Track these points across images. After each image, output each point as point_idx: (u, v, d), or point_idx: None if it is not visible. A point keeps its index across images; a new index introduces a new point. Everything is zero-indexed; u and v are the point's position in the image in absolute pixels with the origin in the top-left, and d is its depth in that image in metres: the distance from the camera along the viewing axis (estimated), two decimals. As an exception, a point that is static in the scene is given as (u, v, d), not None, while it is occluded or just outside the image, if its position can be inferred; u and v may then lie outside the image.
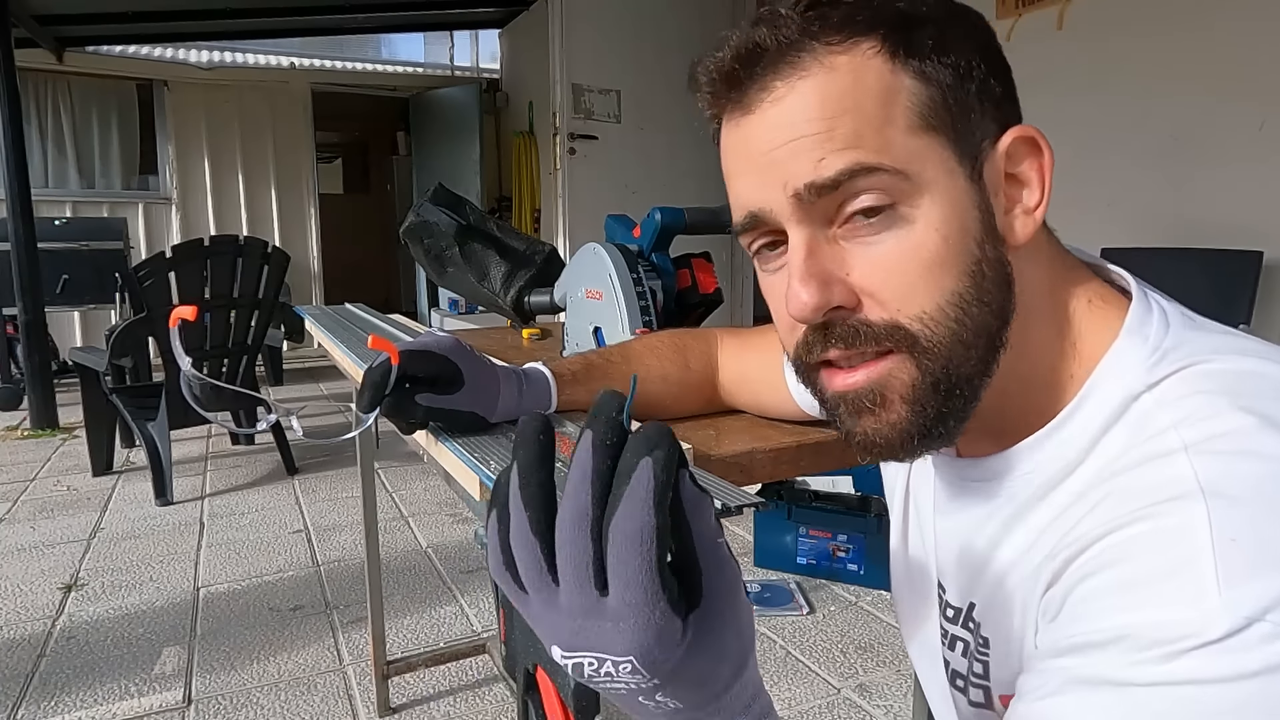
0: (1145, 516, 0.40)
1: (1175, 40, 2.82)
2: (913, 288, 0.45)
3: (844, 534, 2.33)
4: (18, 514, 2.97)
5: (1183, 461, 0.41)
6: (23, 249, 4.01)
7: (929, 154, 0.45)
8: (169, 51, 6.15)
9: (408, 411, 0.67)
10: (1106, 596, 0.40)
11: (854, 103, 0.45)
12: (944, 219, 0.45)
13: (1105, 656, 0.39)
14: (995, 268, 0.46)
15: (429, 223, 1.40)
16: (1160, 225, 2.90)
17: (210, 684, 1.86)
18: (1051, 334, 0.49)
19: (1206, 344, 0.45)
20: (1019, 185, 0.48)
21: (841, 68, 0.45)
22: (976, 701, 0.54)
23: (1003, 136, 0.47)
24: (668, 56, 4.86)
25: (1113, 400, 0.46)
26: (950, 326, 0.46)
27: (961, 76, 0.46)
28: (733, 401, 0.88)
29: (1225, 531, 0.38)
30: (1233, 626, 0.36)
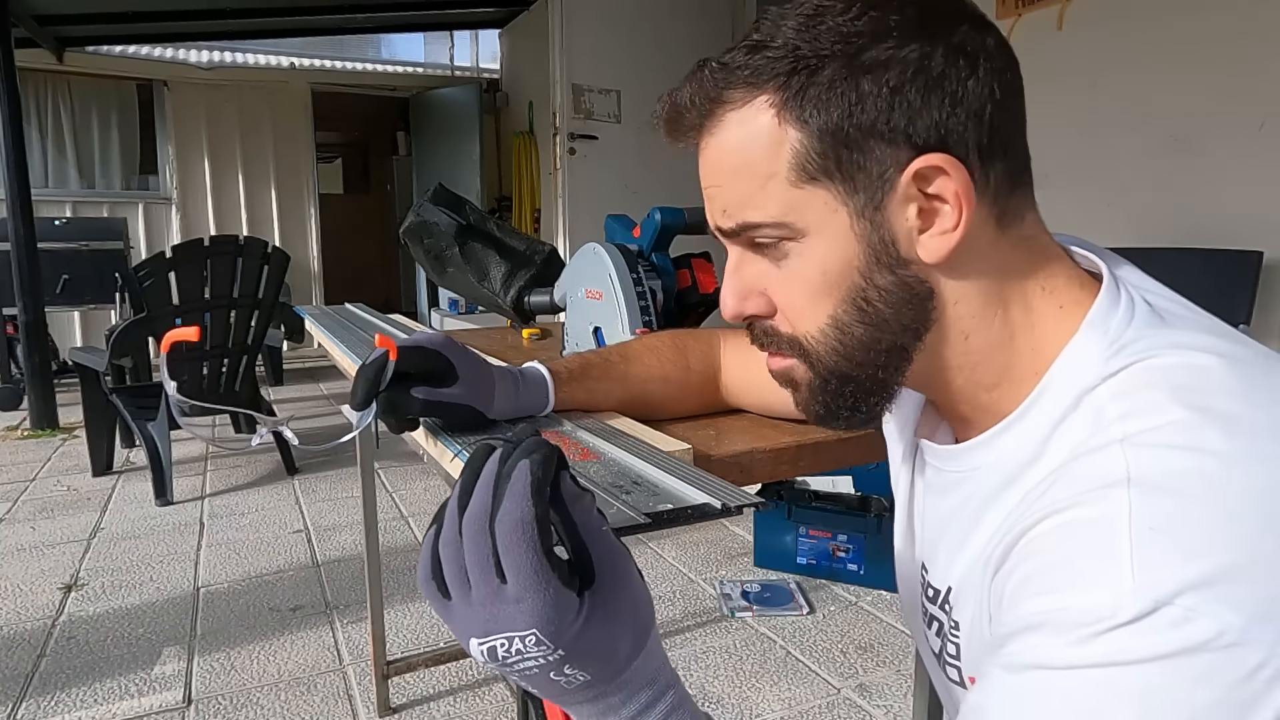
0: (1074, 504, 0.43)
1: (1175, 40, 2.82)
2: (801, 312, 0.53)
3: (844, 534, 2.33)
4: (18, 514, 2.97)
5: (1117, 453, 0.43)
6: (23, 249, 4.01)
7: (809, 201, 0.50)
8: (169, 51, 6.15)
9: (404, 406, 0.66)
10: (1032, 581, 0.43)
11: (745, 160, 0.51)
12: (824, 255, 0.51)
13: (1030, 641, 0.41)
14: (892, 290, 0.51)
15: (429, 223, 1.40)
16: (1160, 225, 2.90)
17: (210, 684, 1.86)
18: (1000, 336, 0.52)
19: (1164, 339, 0.47)
20: (938, 203, 0.49)
21: (743, 124, 0.50)
22: (953, 679, 0.57)
23: (910, 163, 0.48)
24: (668, 56, 4.86)
25: (1069, 393, 0.48)
26: (830, 344, 0.53)
27: (850, 117, 0.47)
28: (737, 402, 0.88)
29: (1145, 520, 0.40)
30: (1142, 609, 0.38)
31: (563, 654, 0.41)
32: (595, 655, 0.42)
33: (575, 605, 0.41)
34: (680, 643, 2.03)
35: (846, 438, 0.82)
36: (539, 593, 0.39)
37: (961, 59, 0.48)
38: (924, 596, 0.61)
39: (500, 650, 0.40)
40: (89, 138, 5.93)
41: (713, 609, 2.21)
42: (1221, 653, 0.37)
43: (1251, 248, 2.52)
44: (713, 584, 2.35)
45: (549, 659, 0.41)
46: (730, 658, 1.96)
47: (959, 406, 0.56)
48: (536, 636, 0.40)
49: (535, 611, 0.39)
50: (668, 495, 0.57)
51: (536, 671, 0.41)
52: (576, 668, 0.42)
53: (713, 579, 2.38)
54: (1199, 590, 0.38)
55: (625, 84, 4.77)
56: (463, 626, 0.41)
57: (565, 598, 0.40)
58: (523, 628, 0.40)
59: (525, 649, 0.40)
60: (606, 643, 0.42)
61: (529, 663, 0.41)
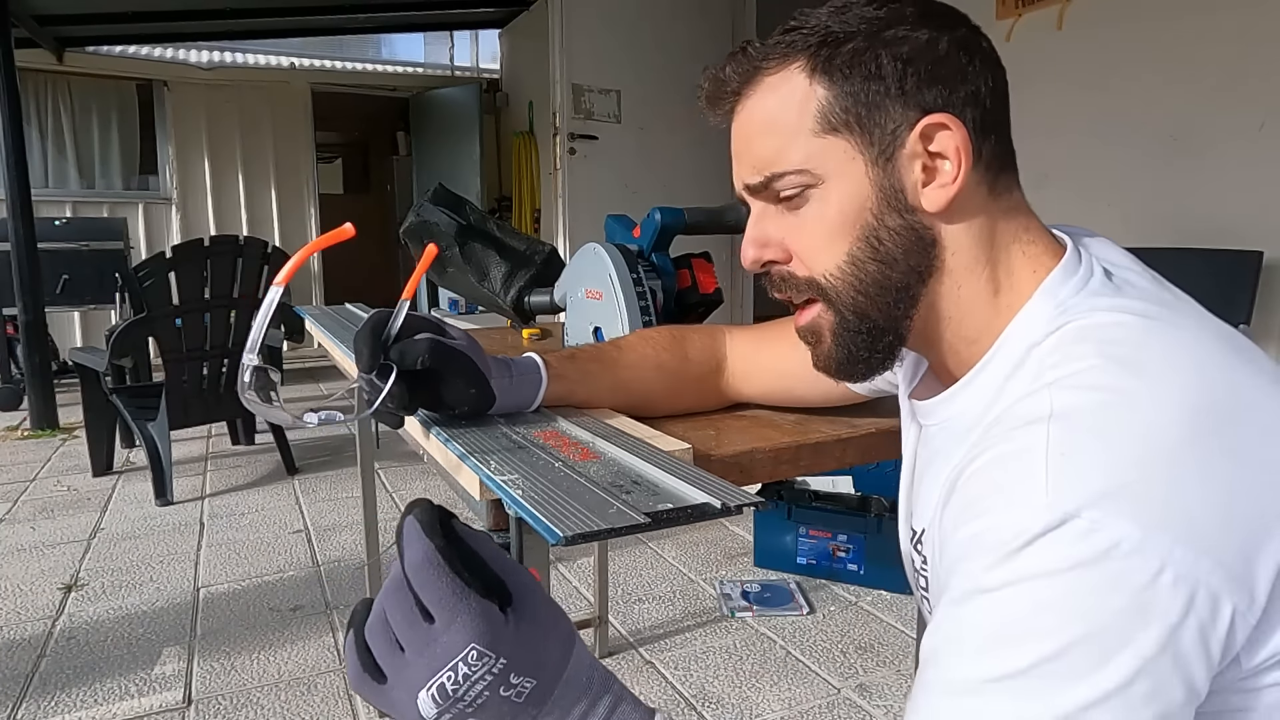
0: (1004, 440, 0.49)
1: (1175, 40, 2.82)
2: (819, 251, 0.59)
3: (844, 534, 2.33)
4: (18, 514, 2.97)
5: (1045, 395, 0.49)
6: (23, 249, 4.01)
7: (831, 150, 0.57)
8: (169, 51, 6.15)
9: (410, 353, 0.65)
10: (966, 510, 0.49)
11: (776, 116, 0.59)
12: (841, 198, 0.58)
13: (964, 569, 0.47)
14: (900, 232, 0.57)
15: (429, 223, 1.40)
16: (1160, 225, 2.90)
17: (210, 684, 1.86)
18: (986, 291, 0.58)
19: (1102, 303, 0.54)
20: (940, 161, 0.57)
21: (774, 88, 0.59)
22: (928, 612, 0.62)
23: (919, 123, 0.56)
24: (668, 56, 4.86)
25: (1017, 350, 0.55)
26: (847, 280, 0.59)
27: (871, 80, 0.56)
28: (743, 390, 0.89)
29: (1059, 447, 0.45)
30: (1051, 521, 0.43)
31: (505, 662, 0.44)
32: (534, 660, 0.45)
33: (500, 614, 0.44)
34: (680, 643, 2.03)
35: (846, 437, 0.83)
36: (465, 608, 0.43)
37: (962, 50, 0.57)
38: (910, 540, 0.67)
39: (449, 685, 0.43)
40: (89, 138, 5.92)
41: (713, 609, 2.21)
42: (1124, 560, 0.41)
43: (1251, 248, 2.52)
44: (713, 584, 2.35)
45: (494, 671, 0.43)
46: (730, 658, 1.96)
47: (946, 360, 0.62)
48: (476, 650, 0.43)
49: (467, 626, 0.43)
50: (668, 495, 0.57)
51: (487, 694, 0.44)
52: (521, 674, 0.45)
53: (713, 579, 2.39)
54: (1101, 504, 0.43)
55: (625, 84, 4.77)
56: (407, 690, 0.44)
57: (489, 608, 0.44)
58: (461, 647, 0.43)
59: (471, 669, 0.43)
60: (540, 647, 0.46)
61: (479, 685, 0.43)
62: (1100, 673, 0.41)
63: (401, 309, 0.66)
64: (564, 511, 0.53)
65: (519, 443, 0.69)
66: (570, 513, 0.53)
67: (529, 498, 0.56)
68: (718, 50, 5.06)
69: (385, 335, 0.65)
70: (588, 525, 0.51)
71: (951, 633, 0.46)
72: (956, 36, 0.57)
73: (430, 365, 0.66)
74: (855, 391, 0.83)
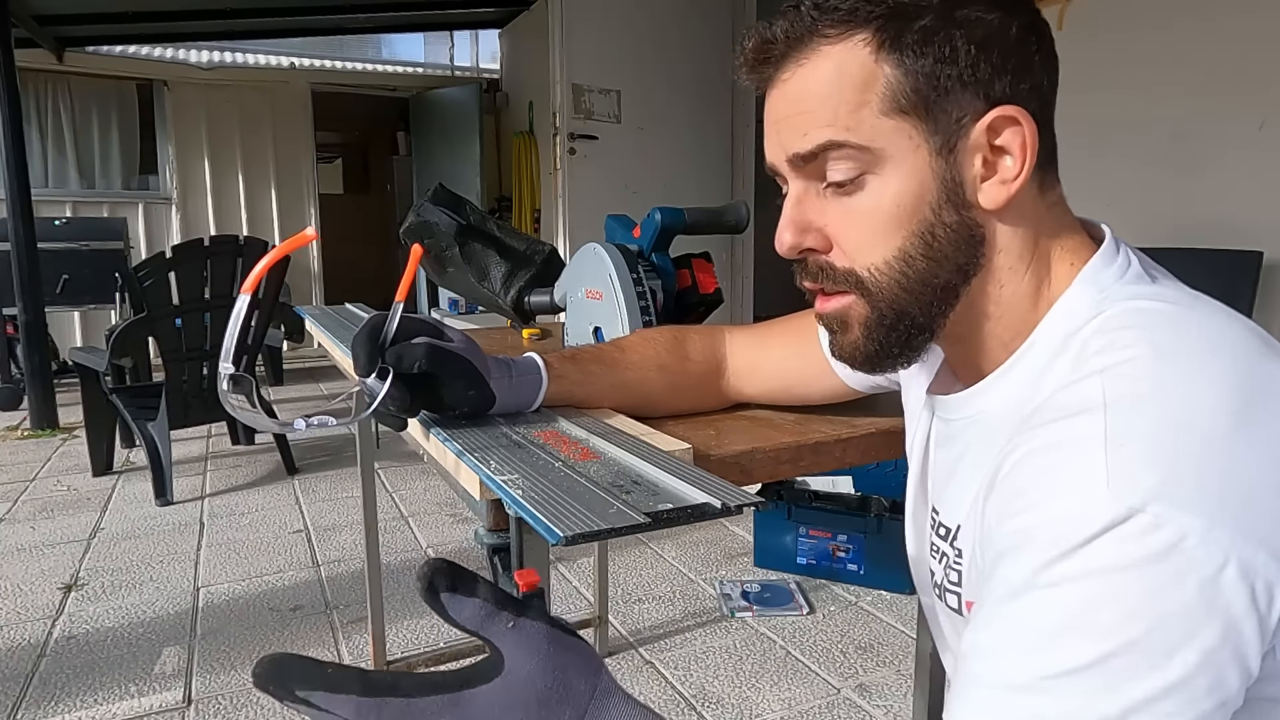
0: (1052, 429, 0.47)
1: (1175, 40, 2.82)
2: (865, 242, 0.56)
3: (844, 534, 2.33)
4: (18, 514, 2.97)
5: (1096, 382, 0.47)
6: (23, 249, 4.01)
7: (895, 133, 0.53)
8: (169, 51, 6.14)
9: (407, 356, 0.65)
10: (1016, 500, 0.47)
11: (837, 88, 0.54)
12: (900, 188, 0.54)
13: (1016, 561, 0.45)
14: (955, 229, 0.55)
15: (429, 223, 1.40)
16: (1160, 225, 2.90)
17: (210, 684, 1.86)
18: (1029, 289, 0.57)
19: (1144, 290, 0.53)
20: (1001, 156, 0.54)
21: (834, 56, 0.54)
22: (952, 607, 0.61)
23: (986, 114, 0.53)
24: (668, 56, 4.86)
25: (1058, 335, 0.54)
26: (895, 277, 0.56)
27: (943, 63, 0.52)
28: (743, 390, 0.88)
29: (1117, 437, 0.44)
30: (1117, 515, 0.42)
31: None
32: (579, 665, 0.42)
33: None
34: (680, 643, 2.03)
35: (846, 437, 0.82)
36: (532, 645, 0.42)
37: (1032, 36, 0.54)
38: (934, 534, 0.65)
39: None
40: (89, 138, 5.92)
41: (713, 609, 2.21)
42: (1190, 555, 0.41)
43: (1251, 248, 2.52)
44: (713, 584, 2.35)
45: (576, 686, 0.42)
46: (730, 658, 1.96)
47: (976, 357, 0.60)
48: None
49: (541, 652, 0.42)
50: (668, 495, 0.57)
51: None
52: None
53: (713, 579, 2.38)
54: (1165, 497, 0.42)
55: (625, 84, 4.76)
56: None
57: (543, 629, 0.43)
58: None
59: None
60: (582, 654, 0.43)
61: None
62: (1165, 667, 0.41)
63: (396, 312, 0.65)
64: (564, 511, 0.53)
65: (519, 442, 0.69)
66: (570, 513, 0.53)
67: (529, 498, 0.56)
68: (718, 50, 5.07)
69: (382, 338, 0.65)
70: (588, 525, 0.51)
71: (1006, 628, 0.45)
72: (1024, 22, 0.54)
73: (427, 369, 0.66)
74: (854, 388, 0.83)
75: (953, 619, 0.62)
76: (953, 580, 0.61)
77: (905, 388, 0.75)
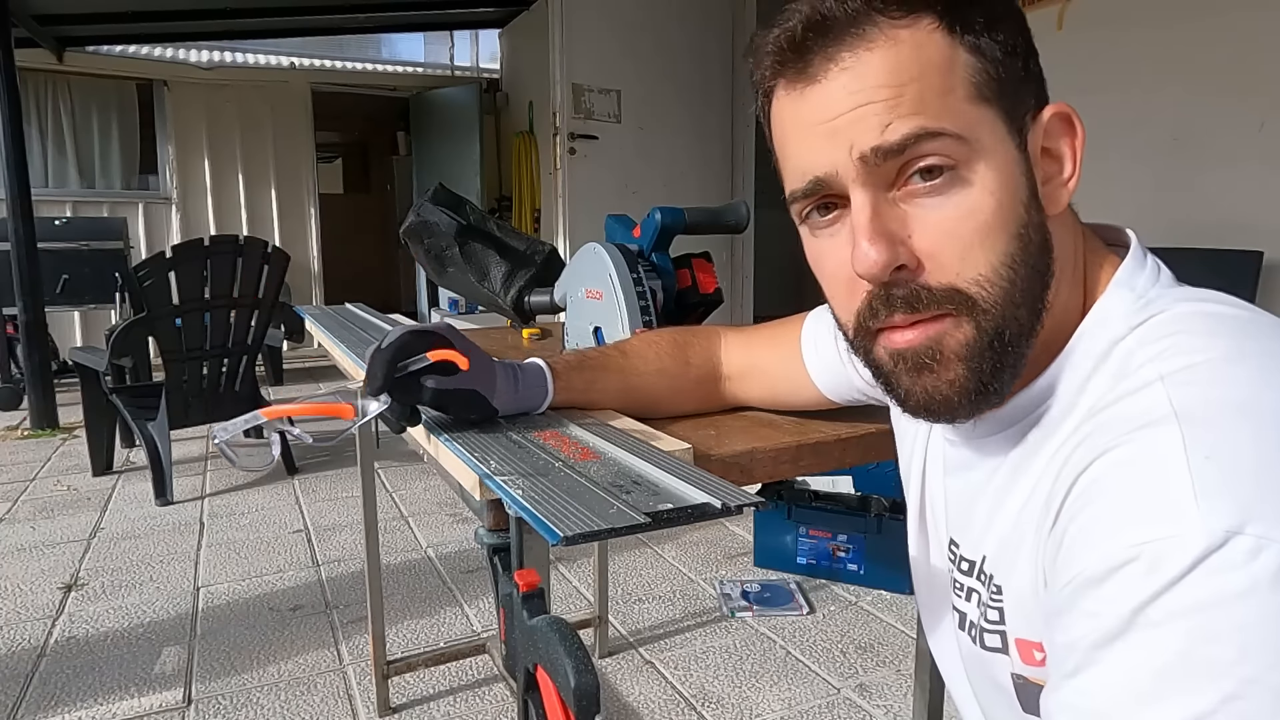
0: (1123, 443, 0.43)
1: (1175, 40, 2.82)
2: (970, 249, 0.48)
3: (844, 534, 2.33)
4: (18, 514, 2.97)
5: (1159, 391, 0.43)
6: (23, 249, 4.01)
7: (985, 122, 0.48)
8: (169, 51, 6.14)
9: (414, 393, 0.67)
10: (1094, 527, 0.42)
11: (918, 72, 0.47)
12: (998, 183, 0.48)
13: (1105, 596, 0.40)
14: (1039, 232, 0.49)
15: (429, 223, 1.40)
16: (1160, 225, 2.90)
17: (210, 684, 1.86)
18: (1076, 296, 0.53)
19: (1184, 294, 0.50)
20: (1055, 158, 0.51)
21: (905, 40, 0.48)
22: (992, 647, 0.56)
23: (1042, 111, 0.50)
24: (668, 56, 4.86)
25: (1099, 345, 0.49)
26: (1004, 287, 0.48)
27: (1009, 53, 0.49)
28: (738, 395, 0.88)
29: (1199, 450, 0.40)
30: (1213, 541, 0.37)
31: None
32: None
33: None
34: (680, 643, 2.03)
35: (846, 437, 0.82)
36: None
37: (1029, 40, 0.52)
38: (957, 570, 0.59)
39: None
40: (89, 138, 5.92)
41: (713, 609, 2.21)
42: None
43: (1251, 248, 2.52)
44: (713, 584, 2.35)
45: None
46: (730, 658, 1.96)
47: None
48: None
49: None
50: (668, 495, 0.57)
51: None
52: None
53: (713, 579, 2.38)
54: (1261, 515, 0.38)
55: (625, 84, 4.76)
56: None
57: None
58: None
59: None
60: None
61: None
62: None
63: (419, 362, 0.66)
64: (564, 511, 0.53)
65: (519, 442, 0.69)
66: (570, 513, 0.53)
67: (529, 497, 0.56)
68: (718, 50, 5.07)
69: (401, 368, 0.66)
70: (588, 525, 0.51)
71: (1108, 676, 0.40)
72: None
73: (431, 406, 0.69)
74: (832, 400, 0.81)
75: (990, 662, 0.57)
76: (992, 619, 0.55)
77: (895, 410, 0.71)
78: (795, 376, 0.82)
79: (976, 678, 0.60)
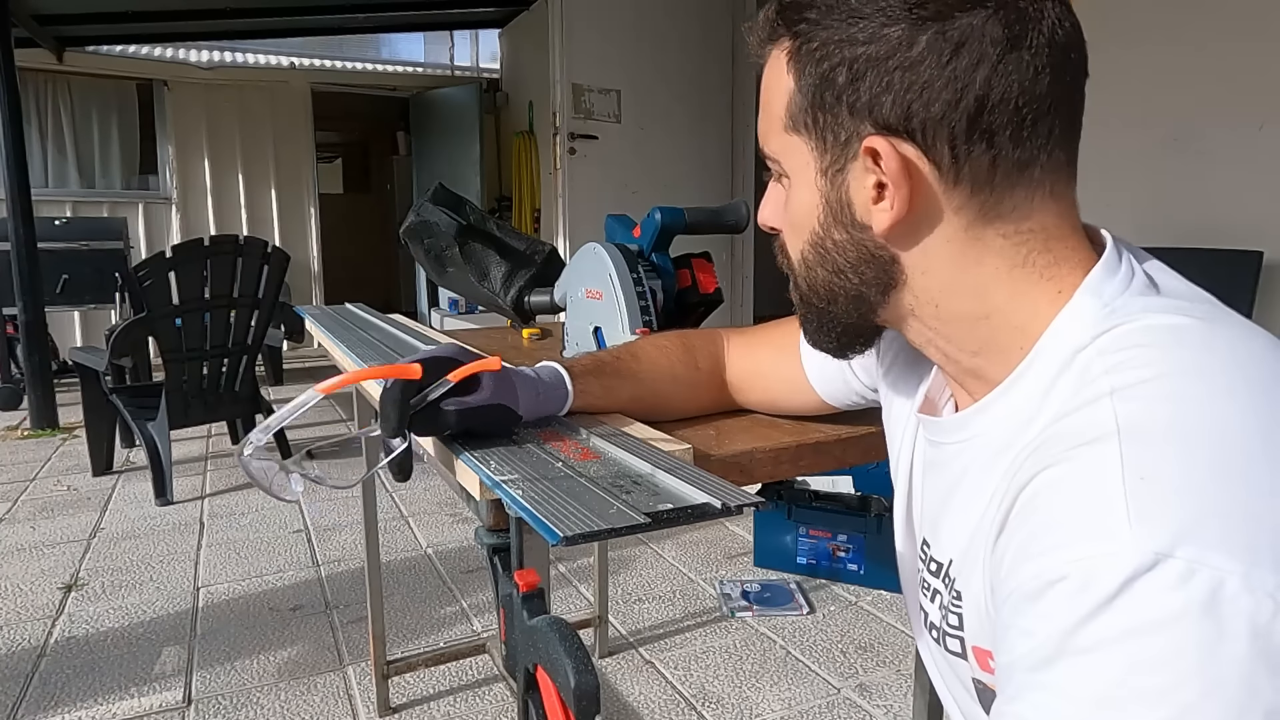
0: (1064, 459, 0.43)
1: (1176, 40, 2.82)
2: (790, 235, 0.60)
3: (844, 534, 2.33)
4: (18, 514, 2.97)
5: (1106, 405, 0.43)
6: (23, 249, 4.01)
7: (792, 149, 0.55)
8: (169, 51, 6.14)
9: (439, 422, 0.66)
10: (1033, 542, 0.43)
11: (769, 96, 0.56)
12: (795, 200, 0.57)
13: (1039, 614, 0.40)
14: (850, 247, 0.55)
15: (429, 223, 1.40)
16: (1160, 225, 2.90)
17: (210, 684, 1.86)
18: (975, 310, 0.53)
19: (1153, 304, 0.49)
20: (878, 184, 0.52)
21: (775, 61, 0.55)
22: (953, 651, 0.57)
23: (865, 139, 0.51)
24: (668, 56, 4.86)
25: (1061, 353, 0.49)
26: (803, 274, 0.59)
27: (826, 83, 0.51)
28: (741, 398, 0.89)
29: (1136, 470, 0.40)
30: (1142, 563, 0.37)
31: None
32: None
33: None
34: (680, 643, 2.03)
35: (846, 437, 0.83)
36: None
37: (948, 47, 0.47)
38: (925, 570, 0.61)
39: None
40: (89, 138, 5.92)
41: (713, 609, 2.21)
42: (1231, 604, 0.36)
43: (1251, 248, 2.53)
44: (713, 584, 2.35)
45: None
46: (730, 658, 1.96)
47: (949, 368, 0.58)
48: None
49: None
50: (668, 495, 0.57)
51: None
52: None
53: (713, 579, 2.38)
54: (1194, 537, 0.37)
55: (625, 84, 4.77)
56: None
57: None
58: None
59: None
60: None
61: None
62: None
63: (442, 387, 0.66)
64: (564, 511, 0.53)
65: (519, 442, 0.69)
66: (570, 513, 0.53)
67: (529, 498, 0.56)
68: (718, 50, 5.07)
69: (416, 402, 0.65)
70: (588, 525, 0.51)
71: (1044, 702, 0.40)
72: (945, 30, 0.47)
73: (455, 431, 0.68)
74: (829, 404, 0.82)
75: (954, 663, 0.58)
76: (953, 624, 0.56)
77: (887, 408, 0.73)
78: (795, 382, 0.83)
79: (948, 677, 0.61)
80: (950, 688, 0.62)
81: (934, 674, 0.65)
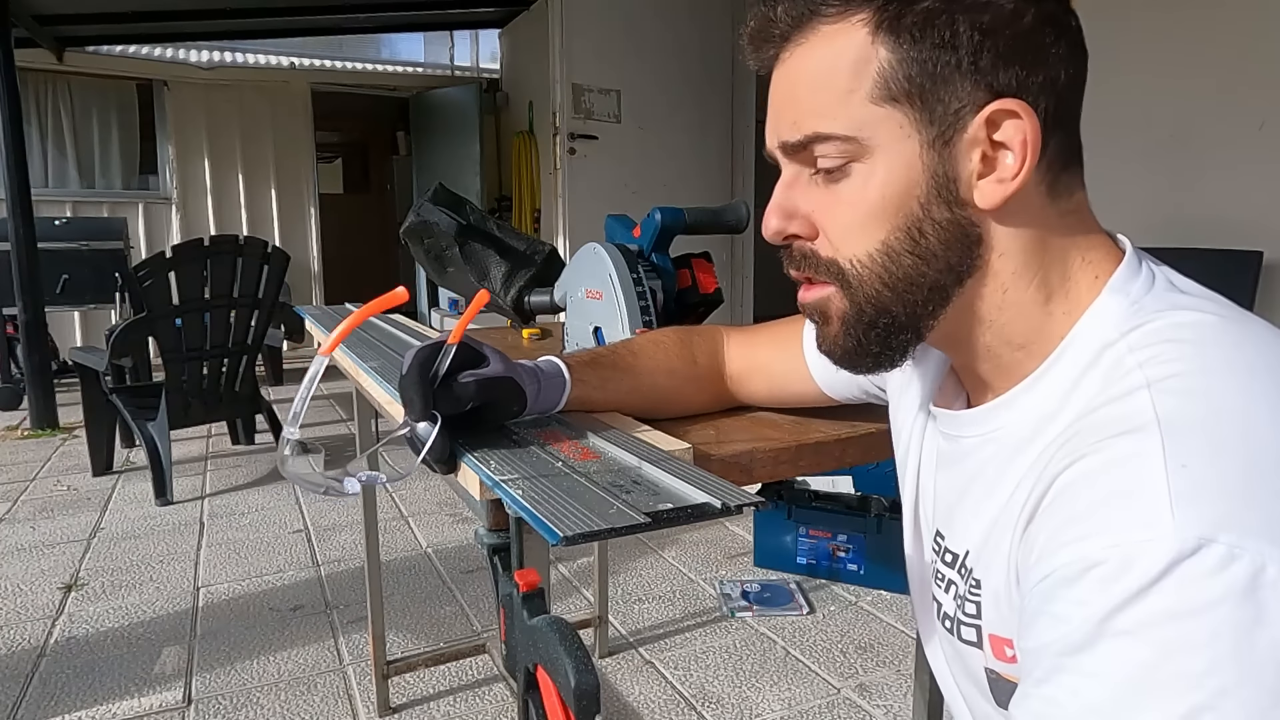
0: (1104, 448, 0.44)
1: (1175, 39, 2.82)
2: (849, 233, 0.54)
3: (844, 534, 2.33)
4: (18, 514, 2.97)
5: (1144, 397, 0.44)
6: (23, 249, 4.01)
7: (885, 121, 0.51)
8: (169, 51, 6.14)
9: (461, 394, 0.65)
10: (1068, 528, 0.43)
11: (829, 72, 0.52)
12: (886, 178, 0.52)
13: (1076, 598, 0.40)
14: (946, 227, 0.52)
15: (429, 223, 1.40)
16: (1160, 225, 2.90)
17: (210, 684, 1.86)
18: (1037, 297, 0.53)
19: (1179, 301, 0.50)
20: (1001, 152, 0.51)
21: (828, 38, 0.52)
22: (968, 640, 0.57)
23: (985, 106, 0.50)
24: (668, 56, 4.86)
25: (1090, 348, 0.50)
26: (876, 271, 0.53)
27: (942, 49, 0.49)
28: (741, 393, 0.89)
29: (1178, 458, 0.41)
30: (1185, 547, 0.38)
31: None
32: None
33: None
34: (680, 643, 2.03)
35: (846, 437, 0.82)
36: None
37: (1049, 26, 0.50)
38: (939, 561, 0.61)
39: None
40: (89, 138, 5.92)
41: (713, 609, 2.21)
42: (1272, 588, 0.37)
43: (1251, 248, 2.53)
44: (713, 584, 2.35)
45: None
46: (730, 658, 1.96)
47: (980, 365, 0.57)
48: None
49: None
50: (668, 495, 0.57)
51: None
52: None
53: (713, 579, 2.38)
54: (1235, 523, 0.38)
55: (625, 84, 4.77)
56: None
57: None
58: None
59: None
60: None
61: None
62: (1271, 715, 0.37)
63: (448, 353, 0.65)
64: (564, 511, 0.53)
65: (519, 442, 0.69)
66: (570, 513, 0.53)
67: (529, 498, 0.56)
68: (718, 50, 5.07)
69: (432, 377, 0.64)
70: (587, 525, 0.51)
71: (1077, 684, 0.40)
72: (1045, 10, 0.49)
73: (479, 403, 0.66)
74: (831, 397, 0.82)
75: (966, 654, 0.58)
76: (969, 613, 0.56)
77: (895, 402, 0.72)
78: (796, 374, 0.83)
79: (957, 670, 0.61)
80: (959, 682, 0.62)
81: (941, 670, 0.65)
